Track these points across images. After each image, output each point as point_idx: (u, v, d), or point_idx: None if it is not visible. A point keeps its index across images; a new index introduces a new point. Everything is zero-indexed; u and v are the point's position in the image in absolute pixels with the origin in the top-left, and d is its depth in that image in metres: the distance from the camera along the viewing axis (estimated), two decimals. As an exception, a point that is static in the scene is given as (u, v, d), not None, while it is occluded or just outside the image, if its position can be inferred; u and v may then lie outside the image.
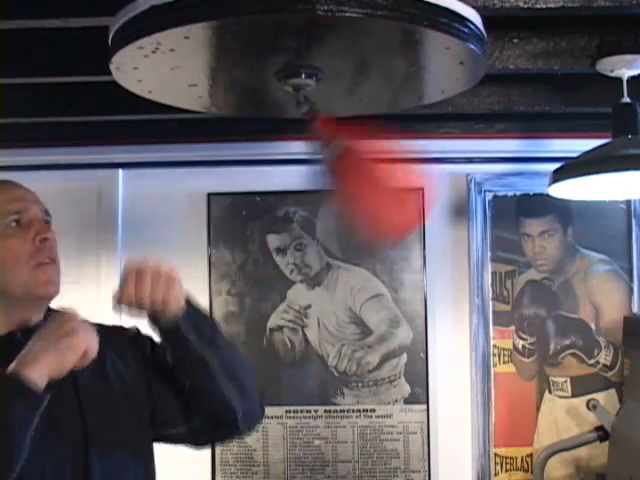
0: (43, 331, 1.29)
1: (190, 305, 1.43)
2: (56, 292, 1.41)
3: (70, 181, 2.69)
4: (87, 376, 1.37)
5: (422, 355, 2.67)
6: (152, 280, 1.35)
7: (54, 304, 1.45)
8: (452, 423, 2.68)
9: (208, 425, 1.51)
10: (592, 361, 2.66)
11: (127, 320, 1.49)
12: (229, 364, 1.48)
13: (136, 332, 1.56)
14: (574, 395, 2.66)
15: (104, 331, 1.38)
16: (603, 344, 2.66)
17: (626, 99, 1.91)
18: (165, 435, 1.52)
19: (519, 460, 2.67)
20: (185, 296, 1.42)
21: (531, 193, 2.69)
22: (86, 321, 1.33)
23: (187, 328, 1.41)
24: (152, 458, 1.51)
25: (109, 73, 1.33)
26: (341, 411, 2.67)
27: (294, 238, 2.70)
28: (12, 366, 1.24)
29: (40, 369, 1.23)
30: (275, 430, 2.67)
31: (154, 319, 1.40)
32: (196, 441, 1.57)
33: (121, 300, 1.36)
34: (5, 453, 1.20)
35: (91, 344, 1.29)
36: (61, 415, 1.34)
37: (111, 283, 2.63)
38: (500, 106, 2.22)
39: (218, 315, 2.66)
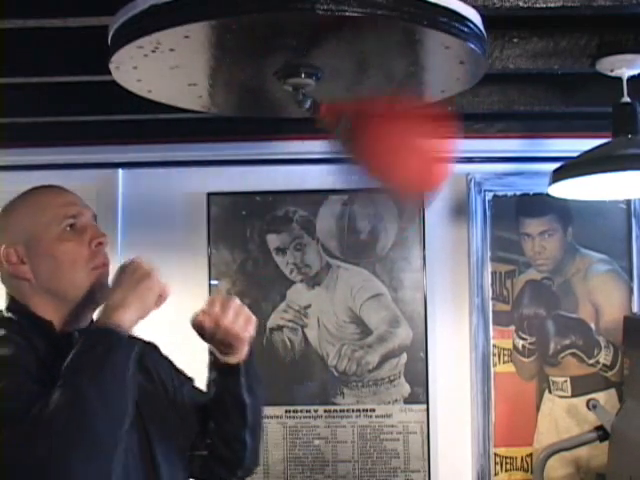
0: (118, 280, 1.29)
1: (251, 351, 1.48)
2: None
3: (70, 181, 2.62)
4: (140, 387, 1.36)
5: (422, 355, 2.67)
6: (235, 313, 1.39)
7: None
8: (452, 423, 2.68)
9: (211, 460, 1.53)
10: (592, 361, 2.66)
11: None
12: (258, 414, 1.53)
13: (160, 350, 1.59)
14: (574, 395, 2.65)
15: (146, 345, 1.42)
16: (603, 344, 2.66)
17: (626, 99, 1.90)
18: None
19: (519, 460, 2.66)
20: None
21: (531, 193, 2.69)
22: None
23: (244, 371, 1.46)
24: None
25: (109, 73, 1.34)
26: (341, 411, 2.67)
27: (294, 238, 2.70)
28: (99, 316, 1.25)
29: (129, 315, 1.24)
30: (275, 430, 2.67)
31: (220, 351, 1.45)
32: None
33: (204, 322, 1.38)
34: (121, 404, 1.19)
35: (165, 285, 1.30)
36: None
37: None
38: (500, 106, 2.21)
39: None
